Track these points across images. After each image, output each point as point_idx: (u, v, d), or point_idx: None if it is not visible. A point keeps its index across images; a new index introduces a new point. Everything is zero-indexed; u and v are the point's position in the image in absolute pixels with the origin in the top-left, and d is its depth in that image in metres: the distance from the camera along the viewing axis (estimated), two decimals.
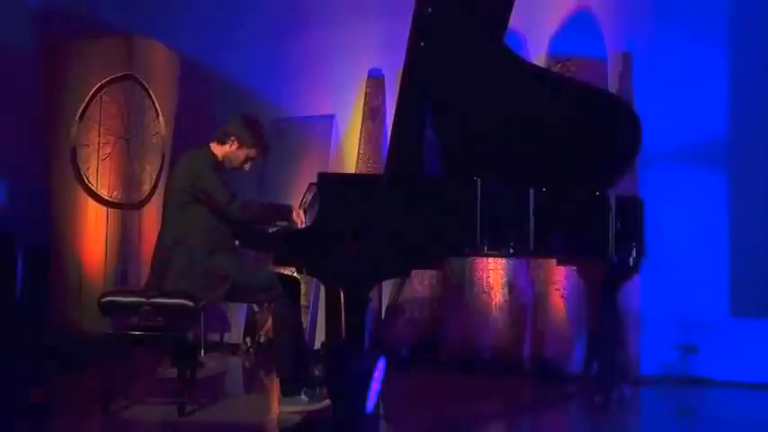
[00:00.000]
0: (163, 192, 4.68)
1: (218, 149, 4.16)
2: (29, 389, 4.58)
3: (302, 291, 5.00)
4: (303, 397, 4.02)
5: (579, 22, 5.46)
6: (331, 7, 6.19)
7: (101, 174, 5.67)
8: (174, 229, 4.07)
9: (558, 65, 5.36)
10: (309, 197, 4.00)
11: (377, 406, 3.70)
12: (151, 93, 5.84)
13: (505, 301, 5.43)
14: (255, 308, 5.97)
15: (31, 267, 5.55)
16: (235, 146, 4.15)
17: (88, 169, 5.66)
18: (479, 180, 3.44)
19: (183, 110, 6.09)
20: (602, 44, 5.43)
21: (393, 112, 3.99)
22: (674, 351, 5.02)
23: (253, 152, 4.20)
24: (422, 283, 5.68)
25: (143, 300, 3.97)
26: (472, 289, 5.49)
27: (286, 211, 3.99)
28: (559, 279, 5.26)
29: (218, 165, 4.13)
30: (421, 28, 3.74)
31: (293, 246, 3.66)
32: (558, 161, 4.09)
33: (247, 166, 4.24)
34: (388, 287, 5.68)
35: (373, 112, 5.98)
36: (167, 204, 4.15)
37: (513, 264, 5.41)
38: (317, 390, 4.07)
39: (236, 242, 4.21)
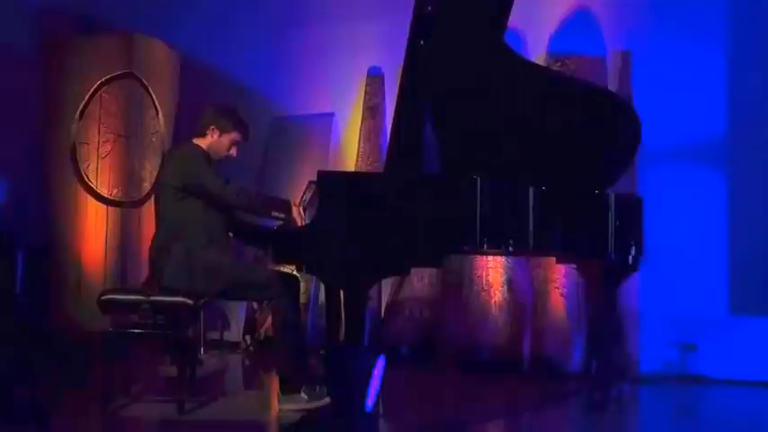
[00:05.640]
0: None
1: (201, 142, 4.16)
2: (29, 388, 4.57)
3: (302, 289, 5.01)
4: (303, 395, 4.02)
5: (579, 21, 5.46)
6: (331, 6, 6.19)
7: (100, 172, 5.67)
8: (169, 226, 4.06)
9: (558, 63, 5.37)
10: (309, 195, 4.00)
11: (376, 404, 3.70)
12: (151, 91, 5.84)
13: (505, 299, 5.42)
14: (255, 306, 5.97)
15: (31, 266, 5.54)
16: (216, 135, 4.15)
17: (88, 167, 5.66)
18: (479, 178, 3.44)
19: (182, 108, 6.09)
20: (602, 43, 5.43)
21: (393, 110, 3.99)
22: (673, 349, 5.03)
23: (235, 135, 4.19)
24: (421, 281, 5.68)
25: (142, 298, 3.96)
26: (472, 287, 5.49)
27: (284, 206, 3.96)
28: (559, 277, 5.26)
29: (206, 156, 4.14)
30: (421, 26, 3.74)
31: (293, 244, 3.66)
32: (557, 160, 4.09)
33: (233, 151, 4.23)
34: (387, 286, 5.68)
35: (373, 111, 5.98)
36: (160, 202, 4.13)
37: (512, 262, 5.41)
38: (317, 388, 4.07)
39: (230, 234, 4.20)
